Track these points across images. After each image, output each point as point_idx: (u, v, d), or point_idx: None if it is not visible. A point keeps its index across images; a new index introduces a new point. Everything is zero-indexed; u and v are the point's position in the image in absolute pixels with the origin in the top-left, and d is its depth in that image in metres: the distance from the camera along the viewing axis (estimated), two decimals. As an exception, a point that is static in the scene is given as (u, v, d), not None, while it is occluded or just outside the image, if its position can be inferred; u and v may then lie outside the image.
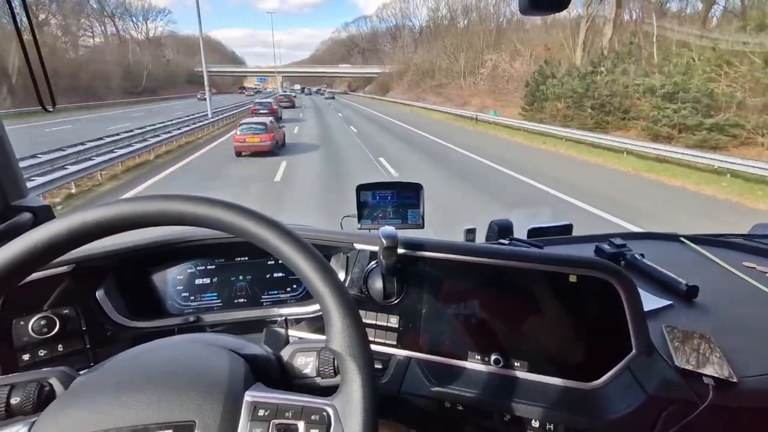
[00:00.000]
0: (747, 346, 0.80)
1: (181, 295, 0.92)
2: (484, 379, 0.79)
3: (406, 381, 0.81)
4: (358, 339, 0.46)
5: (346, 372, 0.45)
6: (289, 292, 0.95)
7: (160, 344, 0.54)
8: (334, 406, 0.44)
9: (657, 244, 1.33)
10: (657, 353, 0.75)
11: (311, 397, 0.46)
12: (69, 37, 51.78)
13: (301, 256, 0.47)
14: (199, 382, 0.45)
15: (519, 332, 0.80)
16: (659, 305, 0.93)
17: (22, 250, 0.43)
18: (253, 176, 9.51)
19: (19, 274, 0.44)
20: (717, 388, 0.68)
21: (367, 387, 0.44)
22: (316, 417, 0.44)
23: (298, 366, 0.56)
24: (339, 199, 7.11)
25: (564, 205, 7.35)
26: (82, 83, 39.92)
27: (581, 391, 0.77)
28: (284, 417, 0.43)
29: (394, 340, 0.84)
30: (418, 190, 0.97)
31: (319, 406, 0.44)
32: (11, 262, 0.43)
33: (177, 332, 0.86)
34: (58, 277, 0.79)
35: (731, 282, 1.05)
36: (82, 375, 0.50)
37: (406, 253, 0.82)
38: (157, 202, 0.46)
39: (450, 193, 8.12)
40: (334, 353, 0.46)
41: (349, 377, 0.45)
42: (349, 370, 0.45)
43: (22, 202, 0.90)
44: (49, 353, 0.77)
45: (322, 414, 0.44)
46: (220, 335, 0.63)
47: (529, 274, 0.79)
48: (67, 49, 49.79)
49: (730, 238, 1.32)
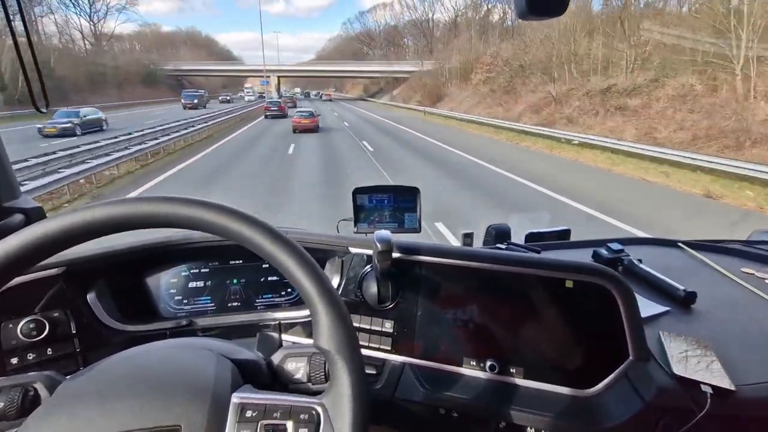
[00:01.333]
0: (745, 353, 0.79)
1: (174, 299, 0.91)
2: (479, 386, 0.78)
3: (401, 386, 0.80)
4: (347, 337, 0.45)
5: (335, 370, 0.45)
6: (284, 296, 0.94)
7: (147, 349, 0.53)
8: (323, 404, 0.44)
9: (655, 249, 1.32)
10: (654, 360, 0.74)
11: (300, 397, 0.45)
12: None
13: (288, 256, 0.46)
14: (184, 386, 0.44)
15: (515, 338, 0.79)
16: (657, 311, 0.92)
17: (7, 250, 0.43)
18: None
19: (5, 275, 0.44)
20: (715, 396, 0.67)
21: (357, 385, 0.44)
22: (305, 416, 0.43)
23: (289, 371, 0.55)
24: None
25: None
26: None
27: (578, 398, 0.76)
28: (272, 417, 0.43)
29: (389, 345, 0.83)
30: (415, 194, 0.96)
31: (307, 405, 0.44)
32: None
33: (169, 336, 0.85)
34: (49, 279, 0.78)
35: (729, 288, 1.05)
36: (68, 380, 0.49)
37: (401, 258, 0.81)
38: (147, 204, 0.45)
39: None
40: (322, 351, 0.45)
41: (338, 375, 0.44)
42: (337, 368, 0.44)
43: (14, 203, 0.89)
44: (38, 357, 0.76)
45: (311, 413, 0.43)
46: (210, 339, 0.62)
47: (525, 279, 0.78)
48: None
49: (728, 244, 1.31)
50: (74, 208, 0.47)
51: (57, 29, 50.43)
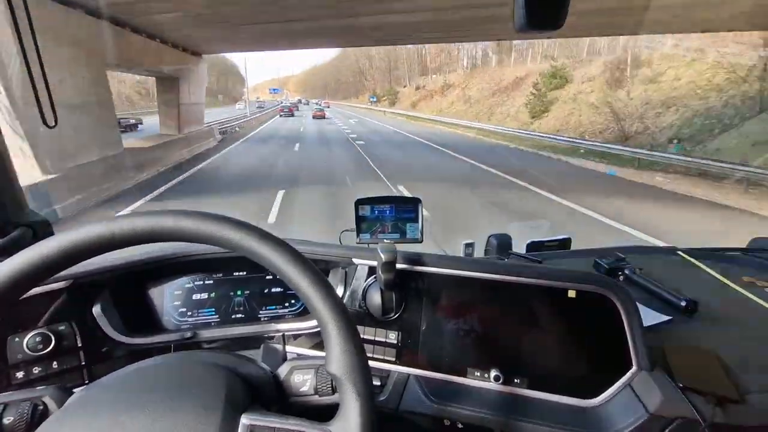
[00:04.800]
0: (748, 362, 0.79)
1: (178, 311, 0.92)
2: (483, 396, 0.78)
3: (405, 398, 0.80)
4: (358, 363, 0.45)
5: (344, 397, 0.45)
6: (287, 308, 0.95)
7: (156, 363, 0.54)
8: (331, 431, 0.44)
9: (655, 258, 1.33)
10: (657, 370, 0.74)
11: (309, 423, 0.45)
12: None
13: (301, 273, 0.46)
14: (194, 404, 0.45)
15: (519, 348, 0.79)
16: (658, 320, 0.92)
17: (20, 266, 0.43)
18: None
19: (17, 290, 0.44)
20: (719, 406, 0.67)
21: (366, 414, 0.44)
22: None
23: (296, 384, 0.55)
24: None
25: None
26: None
27: (582, 408, 0.76)
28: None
29: (393, 356, 0.83)
30: (416, 204, 0.97)
31: (316, 431, 0.44)
32: (9, 278, 0.43)
33: (173, 349, 0.85)
34: (55, 293, 0.78)
35: (731, 297, 1.05)
36: (76, 393, 0.49)
37: (405, 269, 0.82)
38: (153, 218, 0.46)
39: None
40: (333, 377, 0.45)
41: (348, 402, 0.44)
42: (347, 395, 0.44)
43: (21, 217, 0.90)
44: (44, 370, 0.76)
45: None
46: (218, 353, 0.62)
47: (528, 289, 0.79)
48: None
49: (728, 252, 1.32)
50: (80, 223, 0.47)
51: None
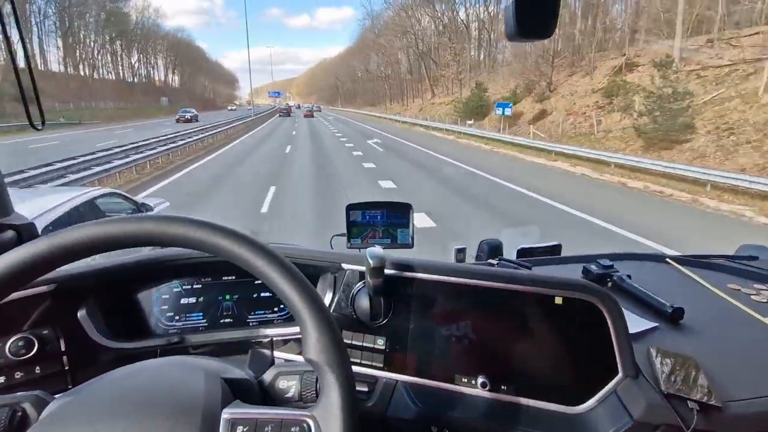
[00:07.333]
0: (732, 369, 0.80)
1: (165, 315, 0.91)
2: (471, 403, 0.78)
3: (393, 404, 0.79)
4: (335, 348, 0.46)
5: (324, 382, 0.45)
6: (276, 312, 0.94)
7: (135, 369, 0.53)
8: (314, 416, 0.44)
9: (643, 265, 1.34)
10: (643, 377, 0.75)
11: (291, 410, 0.45)
12: None
13: (275, 270, 0.47)
14: (174, 405, 0.44)
15: (506, 355, 0.79)
16: (645, 327, 0.93)
17: (4, 268, 0.43)
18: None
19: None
20: (701, 413, 0.68)
21: (346, 396, 0.44)
22: (296, 429, 0.43)
23: (281, 389, 0.55)
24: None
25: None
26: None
27: (568, 415, 0.76)
28: (264, 431, 0.43)
29: (381, 361, 0.83)
30: (407, 209, 0.97)
31: (298, 418, 0.44)
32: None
33: (160, 353, 0.84)
34: (39, 296, 0.77)
35: (716, 304, 1.06)
36: (57, 400, 0.48)
37: (394, 274, 0.82)
38: (138, 223, 0.46)
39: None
40: (311, 363, 0.46)
41: (328, 387, 0.45)
42: (327, 380, 0.45)
43: (6, 219, 0.89)
44: (26, 375, 0.75)
45: (302, 425, 0.44)
46: (201, 358, 0.62)
47: (516, 295, 0.79)
48: None
49: (715, 260, 1.34)
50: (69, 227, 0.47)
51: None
